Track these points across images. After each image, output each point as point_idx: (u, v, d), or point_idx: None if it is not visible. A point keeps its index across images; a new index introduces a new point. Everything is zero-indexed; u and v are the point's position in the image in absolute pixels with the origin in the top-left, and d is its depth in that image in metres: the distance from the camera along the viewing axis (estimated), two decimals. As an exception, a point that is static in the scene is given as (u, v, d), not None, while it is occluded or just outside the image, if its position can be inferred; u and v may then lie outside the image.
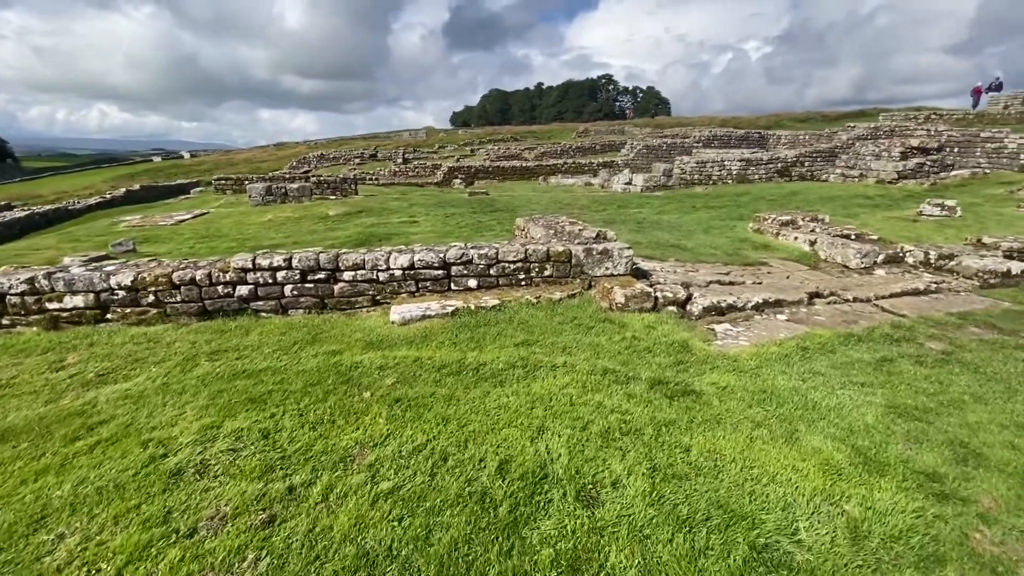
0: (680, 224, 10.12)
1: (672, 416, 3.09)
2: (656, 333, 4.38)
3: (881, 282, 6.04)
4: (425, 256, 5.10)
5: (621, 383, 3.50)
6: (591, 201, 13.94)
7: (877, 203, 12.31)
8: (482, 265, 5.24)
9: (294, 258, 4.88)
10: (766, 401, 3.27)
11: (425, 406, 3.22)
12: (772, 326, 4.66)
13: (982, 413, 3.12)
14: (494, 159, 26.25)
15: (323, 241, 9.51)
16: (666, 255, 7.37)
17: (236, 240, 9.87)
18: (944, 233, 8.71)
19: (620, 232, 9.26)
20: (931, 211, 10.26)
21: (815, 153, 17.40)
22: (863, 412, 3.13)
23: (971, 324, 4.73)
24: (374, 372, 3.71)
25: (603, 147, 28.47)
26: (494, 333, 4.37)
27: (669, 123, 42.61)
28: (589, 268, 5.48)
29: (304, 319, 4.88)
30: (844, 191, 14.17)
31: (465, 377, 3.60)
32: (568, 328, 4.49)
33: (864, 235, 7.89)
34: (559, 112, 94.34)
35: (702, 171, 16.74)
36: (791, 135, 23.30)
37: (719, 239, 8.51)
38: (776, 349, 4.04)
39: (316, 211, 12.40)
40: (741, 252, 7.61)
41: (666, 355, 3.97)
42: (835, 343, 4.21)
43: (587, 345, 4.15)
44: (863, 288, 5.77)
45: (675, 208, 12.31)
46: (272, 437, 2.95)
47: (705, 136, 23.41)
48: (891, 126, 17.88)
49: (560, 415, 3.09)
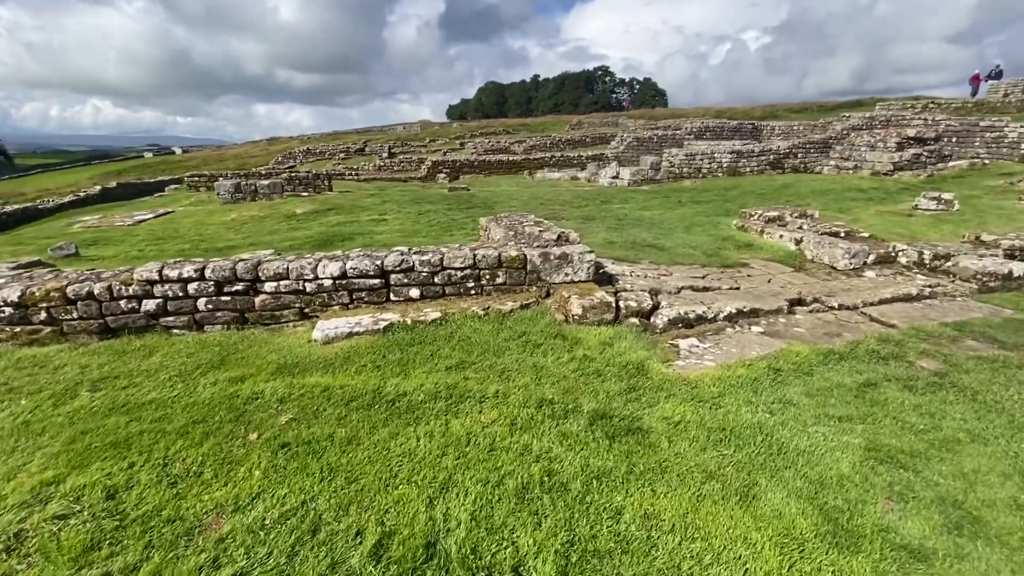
0: (662, 221, 9.58)
1: (608, 464, 2.57)
2: (611, 352, 3.85)
3: (870, 286, 5.52)
4: (360, 263, 4.56)
5: (558, 418, 2.98)
6: (574, 196, 13.37)
7: (871, 196, 11.76)
8: (425, 273, 4.70)
9: (207, 268, 4.33)
10: (724, 442, 2.74)
11: (316, 453, 2.69)
12: (744, 341, 4.13)
13: (980, 458, 2.60)
14: (481, 153, 25.59)
15: (283, 242, 8.96)
16: (640, 256, 6.83)
17: (191, 242, 9.31)
18: (940, 229, 8.18)
19: (597, 230, 8.72)
20: (927, 205, 9.73)
21: (808, 144, 16.82)
22: (838, 457, 2.61)
23: (968, 337, 4.21)
24: (272, 406, 3.18)
25: (594, 140, 27.82)
26: (427, 353, 3.84)
27: (664, 115, 41.91)
28: (547, 275, 4.94)
29: (220, 337, 4.34)
30: (837, 184, 13.62)
31: (376, 412, 3.07)
32: (513, 346, 3.96)
33: (854, 232, 7.35)
34: (555, 104, 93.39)
35: (691, 164, 16.15)
36: (785, 126, 22.65)
37: (700, 238, 7.97)
38: (744, 372, 3.51)
39: (283, 209, 11.82)
40: (722, 252, 7.07)
41: (618, 380, 3.45)
42: (813, 362, 3.68)
43: (530, 368, 3.62)
44: (850, 293, 5.25)
45: (659, 203, 11.75)
46: (118, 497, 2.42)
47: (697, 127, 22.76)
48: (887, 116, 17.28)
49: (474, 465, 2.57)
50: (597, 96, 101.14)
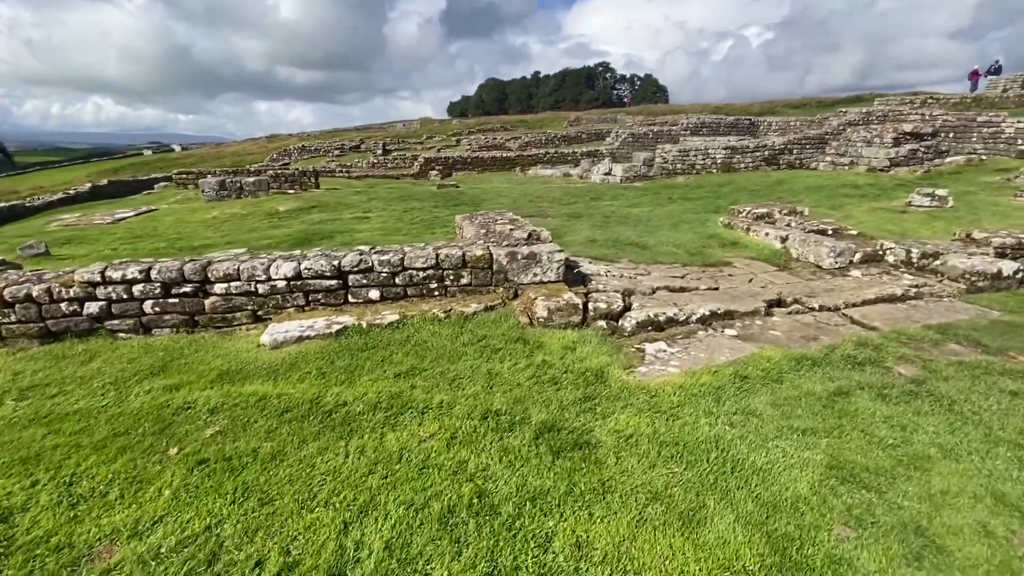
0: (649, 218, 9.36)
1: (547, 484, 2.37)
2: (572, 357, 3.65)
3: (854, 286, 5.30)
4: (315, 264, 4.35)
5: (502, 431, 2.78)
6: (564, 193, 13.15)
7: (865, 193, 11.52)
8: (385, 273, 4.50)
9: (153, 269, 4.13)
10: (676, 458, 2.54)
11: (234, 470, 2.50)
12: (715, 345, 3.93)
13: (951, 476, 2.39)
14: (476, 149, 25.35)
15: (261, 240, 8.77)
16: (621, 255, 6.62)
17: (167, 240, 9.12)
18: (932, 226, 7.95)
19: (581, 228, 8.51)
20: (920, 201, 9.49)
21: (804, 140, 16.55)
22: (797, 476, 2.40)
23: (952, 340, 4.00)
24: (202, 417, 2.99)
25: (590, 136, 27.56)
26: (378, 359, 3.64)
27: (662, 111, 41.55)
28: (514, 275, 4.74)
29: (168, 341, 4.14)
30: (832, 180, 13.37)
31: (309, 425, 2.87)
32: (471, 351, 3.76)
33: (842, 230, 7.13)
34: (556, 101, 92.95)
35: (685, 160, 15.91)
36: (782, 121, 22.36)
37: (685, 235, 7.75)
38: (709, 379, 3.30)
39: (266, 207, 11.62)
40: (705, 251, 6.86)
41: (574, 388, 3.25)
42: (784, 369, 3.47)
43: (483, 375, 3.42)
44: (832, 294, 5.03)
45: (649, 200, 11.53)
46: (11, 520, 2.23)
47: (693, 123, 22.48)
48: (884, 111, 16.99)
49: (401, 484, 2.37)
50: (598, 92, 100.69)
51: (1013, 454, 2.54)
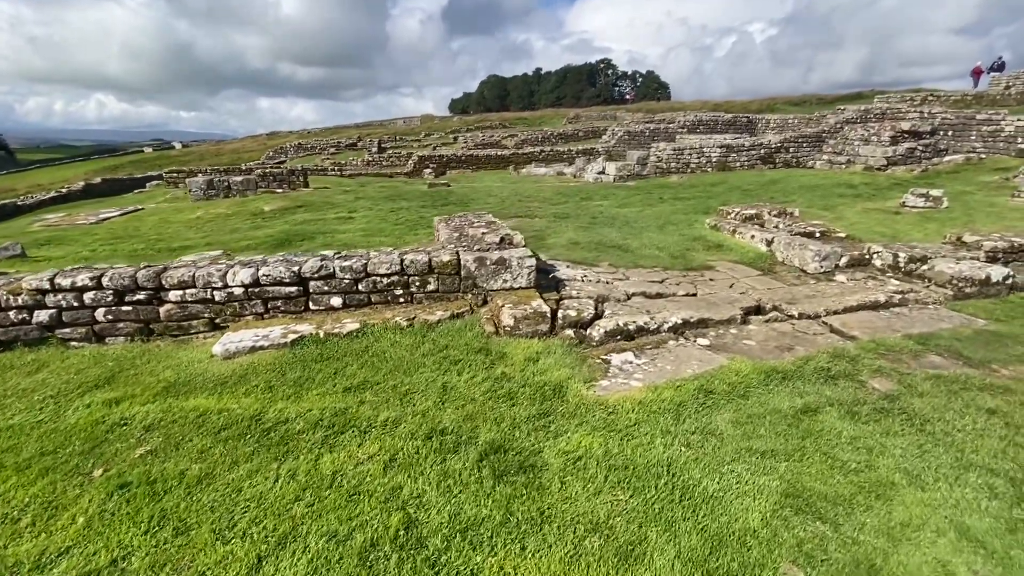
0: (636, 219, 9.19)
1: (483, 512, 2.23)
2: (533, 369, 3.51)
3: (837, 292, 5.14)
4: (274, 270, 4.21)
5: (446, 452, 2.64)
6: (554, 193, 12.97)
7: (860, 192, 11.33)
8: (347, 280, 4.35)
9: (105, 276, 4.00)
10: (624, 484, 2.40)
11: (156, 495, 2.36)
12: (684, 356, 3.78)
13: (914, 507, 2.24)
14: (471, 147, 25.19)
15: (241, 241, 8.63)
16: (601, 258, 6.46)
17: (147, 241, 9.00)
18: (925, 228, 7.77)
19: (566, 229, 8.35)
20: (914, 202, 9.30)
21: (800, 138, 16.33)
22: (749, 505, 2.26)
23: (932, 351, 3.84)
24: (136, 434, 2.86)
25: (587, 133, 27.35)
26: (330, 371, 3.51)
27: (662, 108, 41.29)
28: (483, 281, 4.59)
29: (121, 350, 4.01)
30: (827, 179, 13.17)
31: (245, 444, 2.74)
32: (429, 362, 3.62)
33: (830, 233, 6.95)
34: (557, 98, 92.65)
35: (679, 159, 15.71)
36: (780, 119, 22.10)
37: (671, 238, 7.59)
38: (671, 394, 3.15)
39: (252, 206, 11.48)
40: (688, 254, 6.69)
41: (530, 403, 3.10)
42: (752, 383, 3.32)
43: (438, 389, 3.28)
44: (813, 301, 4.87)
45: (640, 200, 11.35)
46: (-90, 552, 2.10)
47: (690, 121, 22.25)
48: (883, 108, 16.75)
49: (328, 512, 2.23)
50: (599, 89, 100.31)
51: (983, 481, 2.39)
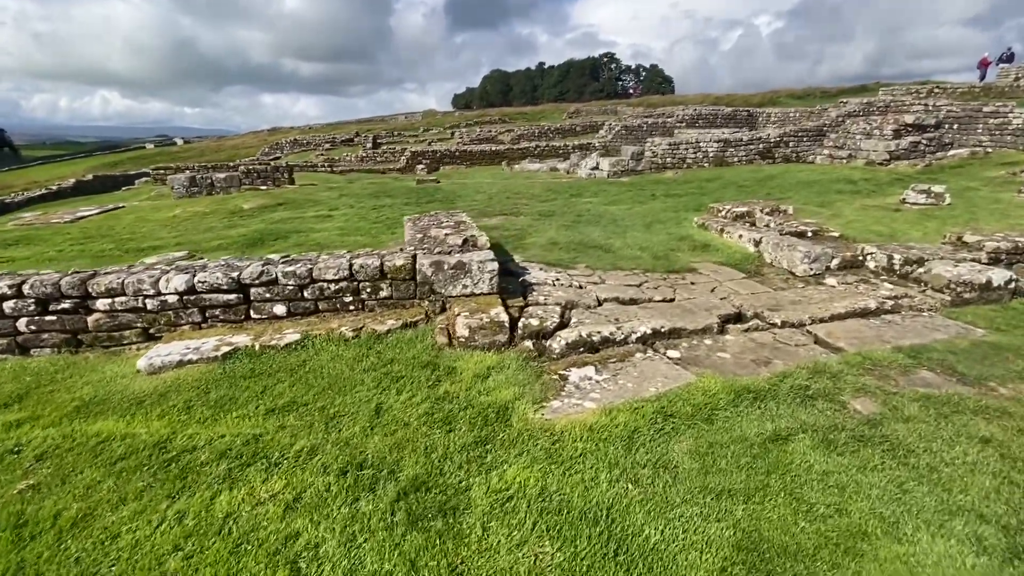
0: (623, 218, 8.84)
1: (385, 567, 1.92)
2: (481, 387, 3.19)
3: (825, 297, 4.78)
4: (211, 276, 3.91)
5: (360, 490, 2.33)
6: (544, 189, 12.62)
7: (859, 188, 10.92)
8: (291, 286, 4.04)
9: (26, 284, 3.71)
10: (554, 531, 2.08)
11: (20, 542, 2.07)
12: (650, 371, 3.45)
13: (888, 563, 1.91)
14: (467, 142, 24.84)
15: (213, 241, 8.35)
16: (579, 260, 6.13)
17: (118, 241, 8.72)
18: (924, 227, 7.38)
19: (548, 228, 8.01)
20: (915, 199, 8.90)
21: (801, 132, 15.88)
22: (695, 561, 1.93)
23: (924, 366, 3.50)
24: (25, 464, 2.56)
25: (584, 128, 26.91)
26: (258, 390, 3.20)
27: (663, 102, 40.74)
28: (441, 286, 4.28)
29: (45, 362, 3.73)
30: (826, 174, 12.75)
31: (139, 477, 2.44)
32: (368, 380, 3.31)
33: (823, 232, 6.59)
34: (560, 92, 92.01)
35: (675, 154, 15.30)
36: (781, 113, 21.59)
37: (656, 237, 7.24)
38: (626, 418, 2.83)
39: (231, 204, 11.20)
40: (672, 255, 6.35)
41: (469, 429, 2.79)
42: (720, 403, 2.99)
43: (370, 411, 2.97)
44: (799, 307, 4.53)
45: (630, 197, 10.98)
46: None
47: (689, 115, 21.78)
48: (887, 101, 16.26)
49: (205, 567, 1.93)
50: (603, 84, 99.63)
51: (972, 529, 2.06)
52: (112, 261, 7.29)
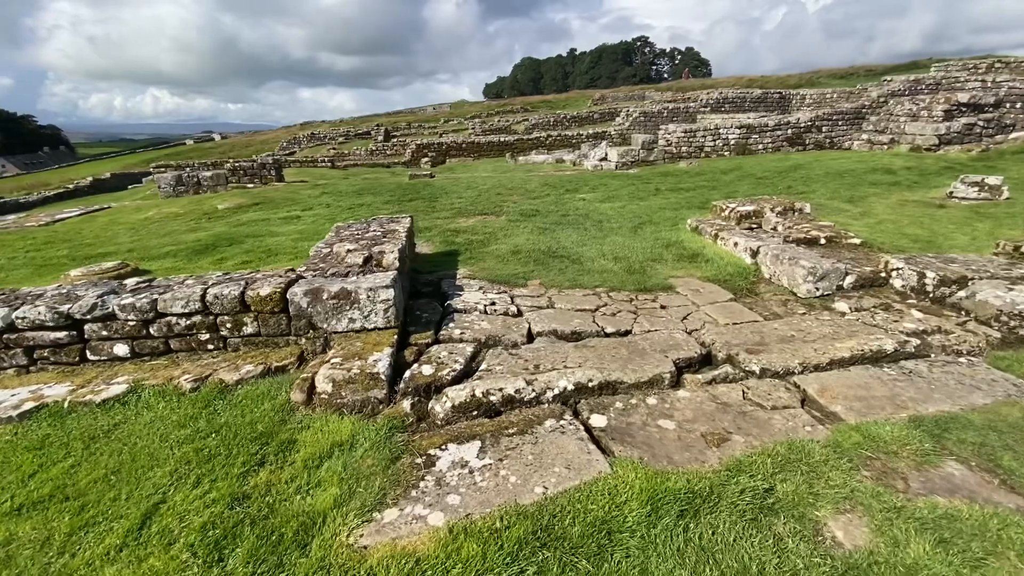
0: (613, 217, 7.78)
1: None
2: (308, 479, 2.34)
3: (826, 332, 3.68)
4: (35, 311, 3.19)
5: None
6: (542, 184, 11.60)
7: (898, 180, 9.45)
8: (133, 321, 3.29)
9: None
10: None
11: None
12: (551, 453, 2.51)
13: None
14: (479, 133, 23.93)
15: (164, 246, 7.80)
16: (535, 274, 5.17)
17: (73, 247, 8.30)
18: (974, 229, 6.05)
19: (520, 232, 7.06)
20: (965, 192, 7.48)
21: (835, 115, 14.21)
22: None
23: (951, 454, 2.43)
24: None
25: (603, 116, 25.52)
26: (31, 468, 2.46)
27: (693, 86, 38.65)
28: (323, 320, 3.44)
29: None
30: (863, 163, 11.23)
31: None
32: (175, 458, 2.51)
33: (840, 238, 5.39)
34: (592, 79, 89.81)
35: (691, 142, 13.95)
36: (817, 94, 19.68)
37: (641, 243, 6.18)
38: (474, 549, 1.91)
39: (208, 205, 10.68)
40: (651, 268, 5.30)
41: (246, 560, 1.94)
42: (629, 520, 2.04)
43: (140, 516, 2.16)
44: (789, 346, 3.47)
45: (629, 193, 9.85)
46: None
47: (714, 99, 20.14)
48: (937, 78, 14.37)
49: None
50: (636, 68, 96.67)
51: None
52: (55, 271, 6.81)
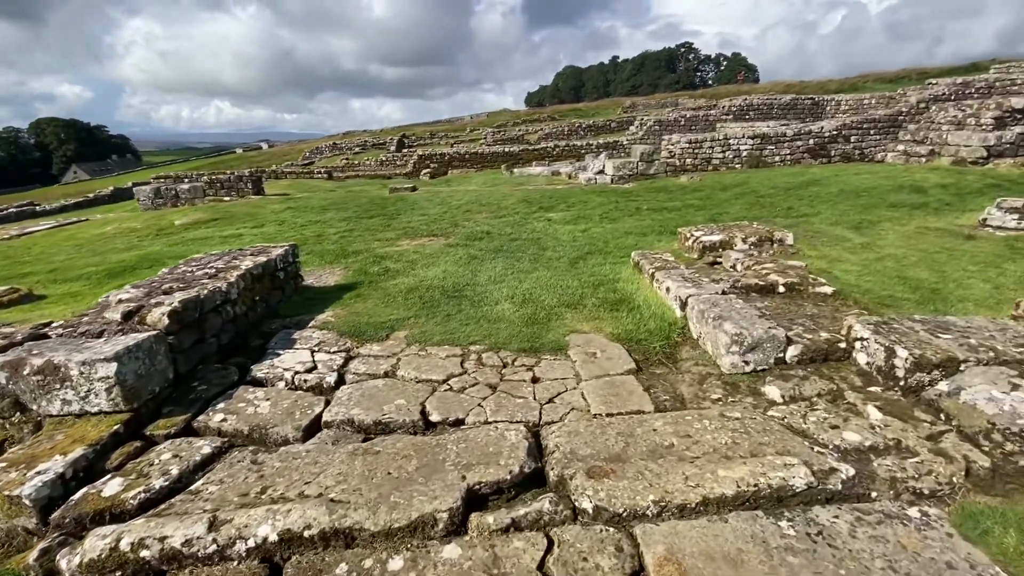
0: (561, 244, 6.71)
1: None
2: None
3: (723, 442, 2.53)
4: None
5: None
6: (518, 201, 10.59)
7: (927, 201, 7.91)
8: None
9: None
10: None
11: None
12: None
13: None
14: (491, 143, 23.20)
15: (87, 267, 7.36)
16: (410, 322, 4.21)
17: (10, 263, 8.03)
18: (999, 273, 4.64)
19: (440, 263, 6.14)
20: (1000, 219, 5.99)
21: (866, 123, 12.50)
22: None
23: None
24: None
25: (621, 124, 24.25)
26: None
27: (727, 92, 36.64)
28: (31, 400, 2.62)
29: None
30: (891, 178, 9.64)
31: None
32: None
33: (806, 284, 4.13)
34: (633, 86, 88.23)
35: (696, 153, 12.61)
36: (854, 100, 17.74)
37: (570, 280, 5.10)
38: None
39: (167, 220, 10.30)
40: (557, 318, 4.22)
41: None
42: None
43: None
44: (655, 465, 2.35)
45: (603, 213, 8.69)
46: None
47: (738, 106, 18.56)
48: (990, 80, 12.45)
49: None
50: (679, 75, 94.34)
51: None
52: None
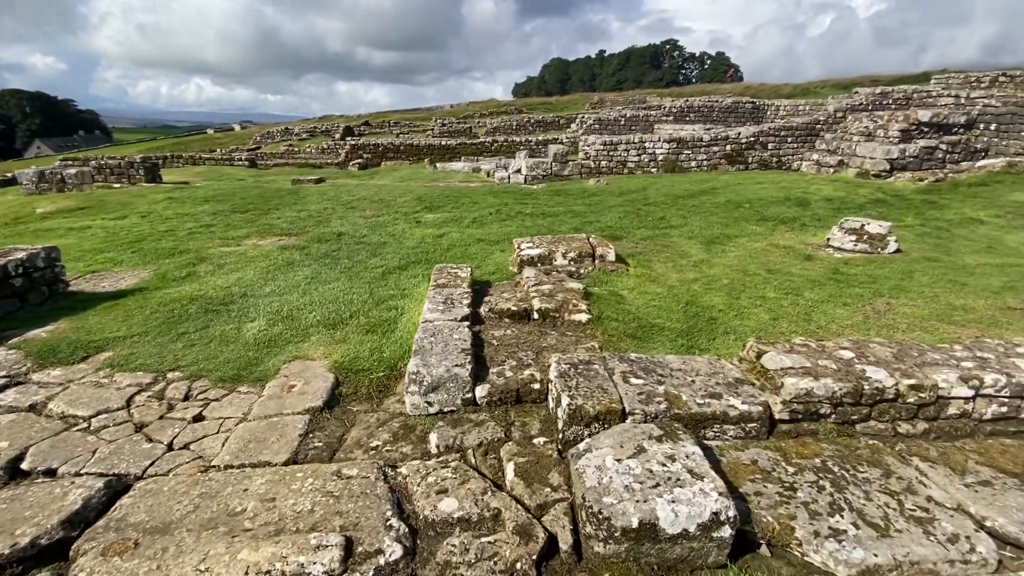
0: (400, 251, 6.29)
1: None
2: None
3: (283, 511, 2.16)
4: None
5: None
6: (413, 199, 10.09)
7: (800, 216, 7.67)
8: None
9: None
10: None
11: None
12: None
13: None
14: (437, 135, 22.66)
15: None
16: (121, 345, 3.78)
17: None
18: (796, 301, 4.34)
19: (261, 265, 5.68)
20: (840, 240, 5.74)
21: (784, 131, 12.29)
22: None
23: None
24: None
25: (568, 121, 23.85)
26: None
27: (693, 92, 36.50)
28: None
29: None
30: (783, 190, 9.42)
31: None
32: None
33: (564, 311, 3.77)
34: (618, 81, 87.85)
35: (612, 156, 12.27)
36: (791, 105, 17.58)
37: (361, 295, 4.66)
38: None
39: (30, 207, 9.63)
40: (304, 340, 3.84)
41: None
42: None
43: None
44: (185, 544, 1.98)
45: (480, 217, 8.23)
46: None
47: (678, 107, 18.28)
48: (908, 92, 12.32)
49: None
50: (663, 72, 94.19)
51: None
52: None
